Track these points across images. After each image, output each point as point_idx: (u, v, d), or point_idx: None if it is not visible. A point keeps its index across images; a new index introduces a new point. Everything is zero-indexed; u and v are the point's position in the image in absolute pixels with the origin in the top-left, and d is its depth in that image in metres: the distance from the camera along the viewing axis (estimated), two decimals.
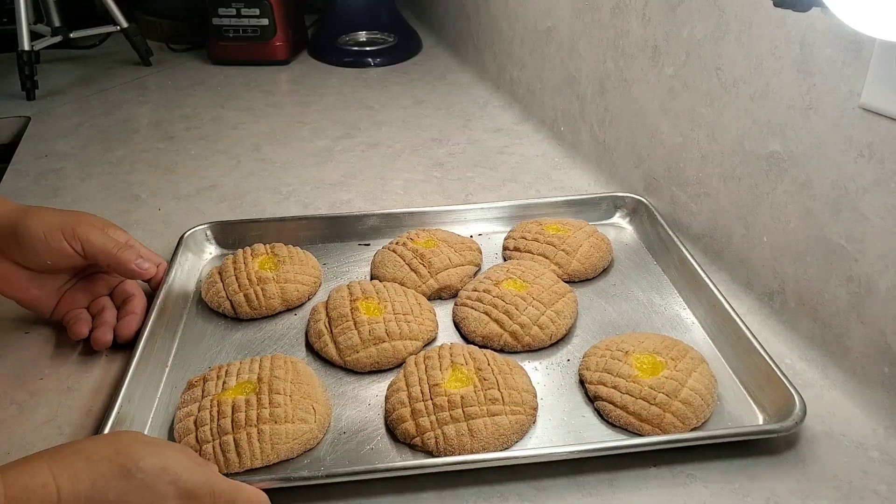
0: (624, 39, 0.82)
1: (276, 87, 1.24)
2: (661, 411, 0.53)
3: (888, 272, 0.54)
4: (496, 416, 0.52)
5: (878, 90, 0.52)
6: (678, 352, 0.57)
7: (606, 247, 0.73)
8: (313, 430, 0.52)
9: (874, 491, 0.50)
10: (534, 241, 0.72)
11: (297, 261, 0.70)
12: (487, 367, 0.55)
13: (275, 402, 0.52)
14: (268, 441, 0.50)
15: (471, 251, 0.72)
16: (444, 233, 0.74)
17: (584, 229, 0.73)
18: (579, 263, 0.70)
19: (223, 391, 0.54)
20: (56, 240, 0.56)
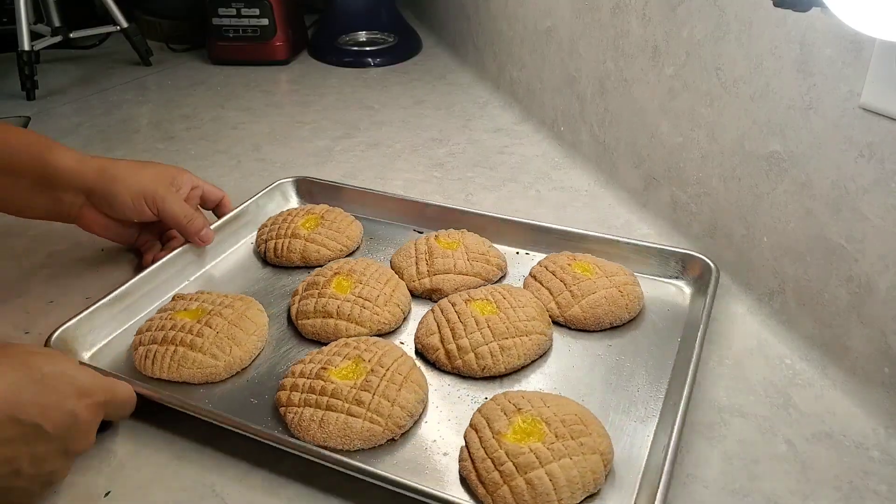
0: (624, 39, 0.82)
1: (276, 87, 1.24)
2: (500, 481, 0.47)
3: (888, 272, 0.54)
4: (352, 416, 0.52)
5: (878, 90, 0.52)
6: (576, 432, 0.49)
7: (627, 303, 0.64)
8: (217, 367, 0.58)
9: (874, 491, 0.50)
10: (551, 274, 0.67)
11: (336, 227, 0.76)
12: (380, 370, 0.54)
13: (202, 332, 0.58)
14: (177, 361, 0.57)
15: (485, 264, 0.70)
16: (475, 239, 0.72)
17: (614, 277, 0.66)
18: (580, 310, 0.63)
19: (182, 311, 0.61)
20: (139, 206, 0.67)
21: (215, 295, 0.64)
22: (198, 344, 0.58)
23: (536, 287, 0.67)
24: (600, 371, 0.60)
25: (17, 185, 0.64)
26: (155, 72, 1.29)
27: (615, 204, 0.85)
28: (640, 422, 0.54)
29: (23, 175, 0.64)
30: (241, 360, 0.59)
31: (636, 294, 0.65)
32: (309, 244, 0.73)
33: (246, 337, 0.60)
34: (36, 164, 0.64)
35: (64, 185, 0.65)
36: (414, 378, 0.56)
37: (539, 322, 0.61)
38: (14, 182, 0.64)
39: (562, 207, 0.85)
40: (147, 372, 0.58)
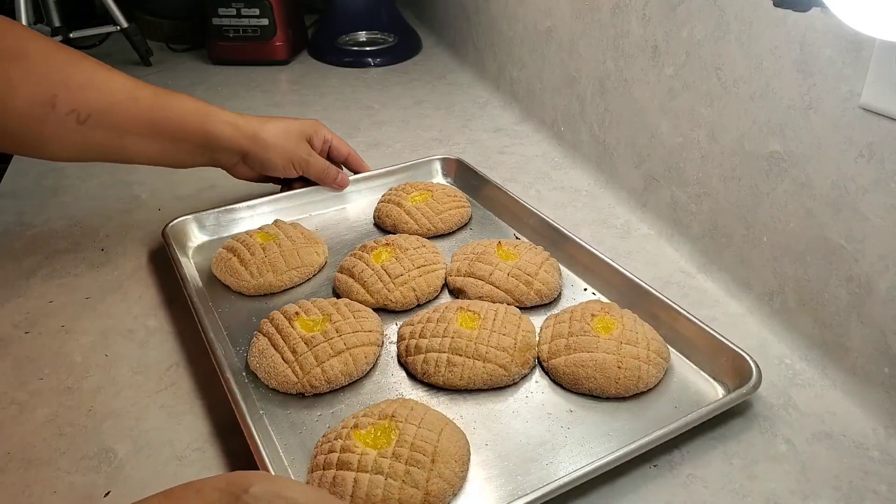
0: (624, 39, 0.82)
1: (276, 87, 1.24)
2: (322, 465, 0.50)
3: (888, 272, 0.54)
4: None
5: (878, 90, 0.52)
6: (414, 459, 0.50)
7: (619, 378, 0.57)
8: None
9: (874, 491, 0.50)
10: (568, 316, 0.62)
11: (436, 209, 0.79)
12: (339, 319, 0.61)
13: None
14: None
15: (524, 286, 0.67)
16: (533, 259, 0.70)
17: (629, 347, 0.59)
18: (563, 363, 0.59)
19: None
20: (288, 168, 0.79)
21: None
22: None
23: (548, 325, 0.63)
24: (536, 429, 0.55)
25: (182, 149, 0.72)
26: (155, 72, 1.29)
27: (615, 204, 0.85)
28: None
29: (184, 140, 0.71)
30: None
31: (639, 374, 0.57)
32: (405, 215, 0.78)
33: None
34: (197, 132, 0.71)
35: (222, 149, 0.74)
36: (366, 313, 0.64)
37: (507, 355, 0.58)
38: (178, 147, 0.71)
39: (562, 207, 0.85)
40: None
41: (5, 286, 0.71)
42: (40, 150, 0.67)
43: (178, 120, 0.70)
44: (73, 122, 0.65)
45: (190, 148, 0.72)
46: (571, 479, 0.48)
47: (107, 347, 0.64)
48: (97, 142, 0.67)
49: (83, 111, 0.65)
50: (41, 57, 0.64)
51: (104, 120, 0.66)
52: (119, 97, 0.67)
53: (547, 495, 0.47)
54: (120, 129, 0.67)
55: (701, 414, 0.53)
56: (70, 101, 0.64)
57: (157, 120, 0.69)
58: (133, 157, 0.71)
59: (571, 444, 0.53)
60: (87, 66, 0.67)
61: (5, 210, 0.84)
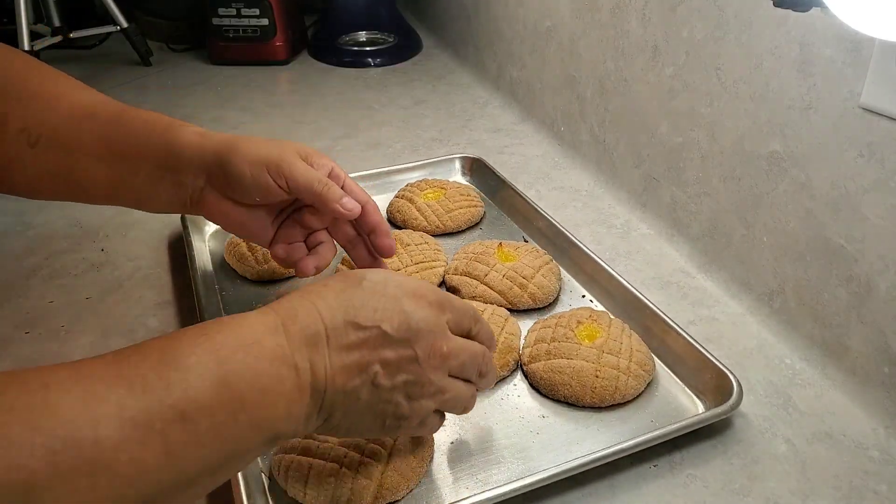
0: (624, 39, 0.82)
1: (276, 88, 1.24)
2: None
3: (888, 272, 0.54)
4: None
5: (878, 90, 0.52)
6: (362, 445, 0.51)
7: (595, 387, 0.56)
8: None
9: (874, 491, 0.50)
10: (555, 322, 0.62)
11: (446, 207, 0.78)
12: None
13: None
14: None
15: (518, 289, 0.67)
16: (532, 262, 0.69)
17: (610, 357, 0.58)
18: (541, 368, 0.59)
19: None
20: (261, 176, 0.55)
21: None
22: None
23: (534, 329, 0.62)
24: (505, 432, 0.55)
25: (138, 172, 0.57)
26: (155, 72, 1.29)
27: (615, 204, 0.85)
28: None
29: (145, 159, 0.57)
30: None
31: (616, 384, 0.56)
32: (415, 211, 0.79)
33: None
34: (158, 145, 0.56)
35: (185, 164, 0.56)
36: None
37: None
38: (135, 169, 0.57)
39: (562, 207, 0.85)
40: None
41: (5, 286, 0.71)
42: (5, 180, 0.58)
43: (140, 133, 0.56)
44: (25, 143, 0.56)
45: (150, 169, 0.57)
46: (513, 489, 0.48)
47: (107, 347, 0.63)
48: (50, 168, 0.57)
49: (34, 130, 0.55)
50: (7, 73, 0.56)
51: (56, 140, 0.56)
52: (76, 114, 0.57)
53: (492, 499, 0.47)
54: (73, 150, 0.56)
55: (667, 431, 0.52)
56: (21, 117, 0.55)
57: (113, 138, 0.56)
58: (87, 186, 0.58)
59: (536, 450, 0.53)
60: (48, 81, 0.58)
61: (5, 210, 0.84)
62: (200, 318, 0.62)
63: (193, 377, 0.35)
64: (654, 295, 0.68)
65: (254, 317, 0.40)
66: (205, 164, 0.56)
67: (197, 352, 0.36)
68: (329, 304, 0.41)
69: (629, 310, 0.65)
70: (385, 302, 0.42)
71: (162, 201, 0.58)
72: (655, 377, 0.59)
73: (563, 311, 0.65)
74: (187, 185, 0.57)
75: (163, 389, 0.34)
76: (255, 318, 0.40)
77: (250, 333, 0.38)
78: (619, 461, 0.51)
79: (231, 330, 0.38)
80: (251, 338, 0.38)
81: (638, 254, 0.76)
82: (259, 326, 0.39)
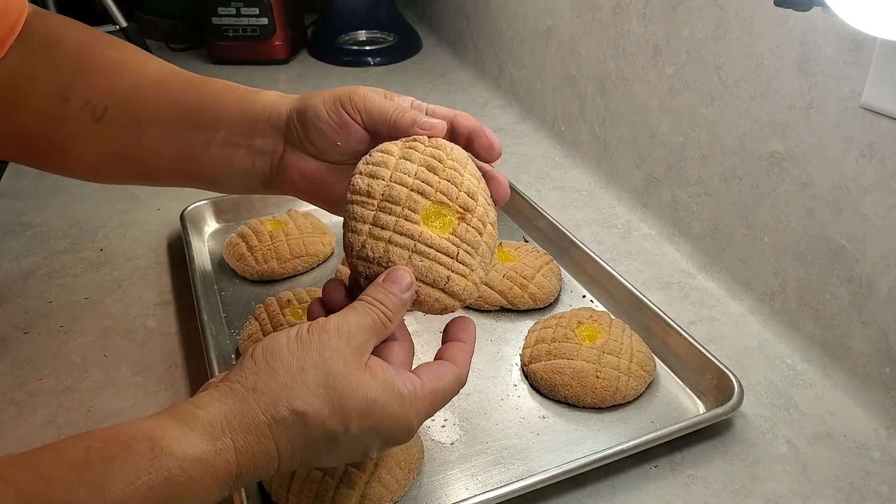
0: (624, 39, 0.82)
1: (275, 87, 1.23)
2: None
3: (889, 272, 0.54)
4: None
5: (879, 90, 0.52)
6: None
7: (596, 387, 0.56)
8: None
9: (875, 491, 0.50)
10: (556, 322, 0.62)
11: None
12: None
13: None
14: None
15: (518, 289, 0.67)
16: (532, 262, 0.69)
17: (611, 357, 0.58)
18: (541, 368, 0.59)
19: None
20: (336, 112, 0.51)
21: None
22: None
23: (535, 329, 0.62)
24: (505, 432, 0.55)
25: (211, 142, 0.53)
26: None
27: (615, 203, 0.85)
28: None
29: (218, 126, 0.53)
30: None
31: (617, 385, 0.56)
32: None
33: None
34: (233, 110, 0.53)
35: (262, 126, 0.52)
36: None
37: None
38: (207, 139, 0.53)
39: (562, 207, 0.85)
40: None
41: (4, 286, 0.71)
42: (58, 160, 0.56)
43: (212, 99, 0.53)
44: (88, 119, 0.52)
45: (224, 136, 0.53)
46: (513, 489, 0.47)
47: (106, 348, 0.63)
48: (115, 146, 0.54)
49: (99, 104, 0.52)
50: (70, 44, 0.53)
51: (123, 113, 0.53)
52: (144, 83, 0.53)
53: (493, 499, 0.47)
54: (140, 122, 0.53)
55: (668, 431, 0.52)
56: (85, 91, 0.52)
57: (185, 104, 0.53)
58: (152, 161, 0.55)
59: (537, 450, 0.53)
60: (114, 51, 0.54)
61: (5, 210, 0.84)
62: (199, 318, 0.62)
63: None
64: (654, 295, 0.68)
65: (207, 466, 0.36)
66: (282, 122, 0.52)
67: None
68: (292, 457, 0.38)
69: (630, 310, 0.65)
70: (352, 453, 0.40)
71: (236, 175, 0.54)
72: (656, 377, 0.59)
73: (563, 311, 0.64)
74: (265, 152, 0.53)
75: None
76: (209, 470, 0.36)
77: (200, 495, 0.35)
78: (620, 462, 0.51)
79: (181, 495, 0.35)
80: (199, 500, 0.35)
81: (639, 254, 0.76)
82: (212, 483, 0.36)
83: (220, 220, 0.80)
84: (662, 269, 0.74)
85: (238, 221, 0.79)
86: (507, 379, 0.60)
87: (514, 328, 0.65)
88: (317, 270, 0.73)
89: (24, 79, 0.52)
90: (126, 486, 0.33)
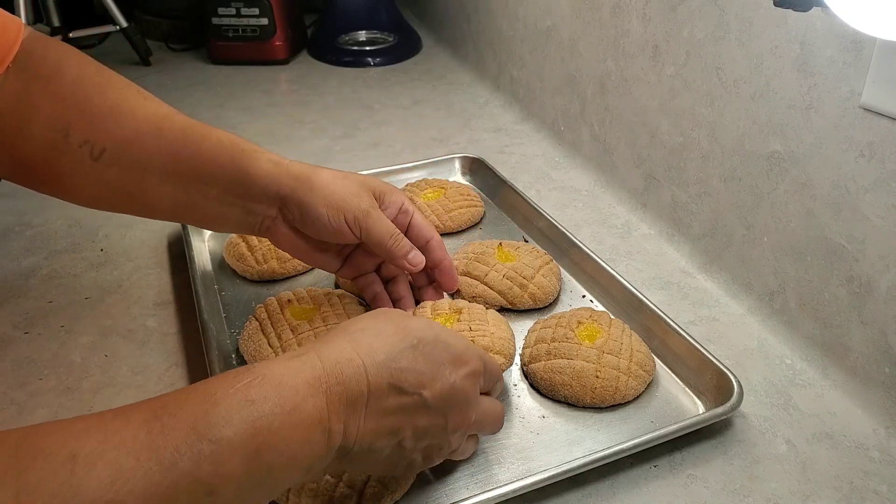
0: (624, 39, 0.82)
1: (275, 87, 1.24)
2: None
3: (889, 272, 0.54)
4: None
5: (878, 90, 0.52)
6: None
7: (595, 387, 0.56)
8: None
9: (875, 491, 0.50)
10: (556, 322, 0.61)
11: (446, 207, 0.78)
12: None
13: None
14: None
15: (518, 289, 0.67)
16: (532, 262, 0.69)
17: (610, 357, 0.58)
18: (541, 368, 0.59)
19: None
20: (339, 223, 0.56)
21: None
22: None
23: (534, 329, 0.62)
24: (505, 432, 0.54)
25: (209, 195, 0.56)
26: (154, 71, 1.29)
27: (615, 203, 0.85)
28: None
29: (215, 183, 0.55)
30: None
31: (616, 385, 0.56)
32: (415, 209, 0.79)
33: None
34: (230, 171, 0.55)
35: (258, 194, 0.55)
36: None
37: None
38: (204, 192, 0.55)
39: (562, 207, 0.85)
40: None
41: (5, 286, 0.71)
42: (57, 187, 0.57)
43: (209, 155, 0.55)
44: (87, 156, 0.53)
45: (218, 193, 0.55)
46: (513, 489, 0.48)
47: (106, 347, 0.63)
48: (113, 183, 0.55)
49: (97, 144, 0.53)
50: (71, 77, 0.54)
51: (121, 156, 0.54)
52: (143, 129, 0.54)
53: (493, 499, 0.47)
54: (138, 167, 0.54)
55: (668, 431, 0.52)
56: (84, 130, 0.53)
57: (182, 156, 0.54)
58: (153, 203, 0.57)
59: (537, 450, 0.53)
60: (114, 92, 0.55)
61: (5, 210, 0.84)
62: (200, 318, 0.62)
63: (227, 450, 0.34)
64: (654, 295, 0.68)
65: (296, 371, 0.39)
66: (279, 197, 0.55)
67: (234, 421, 0.35)
68: (377, 363, 0.41)
69: (629, 310, 0.65)
70: (430, 366, 0.42)
71: (230, 224, 0.58)
72: (656, 377, 0.59)
73: (563, 311, 0.64)
74: (258, 213, 0.57)
75: (194, 464, 0.33)
76: (298, 373, 0.39)
77: (291, 397, 0.37)
78: (620, 461, 0.51)
79: (272, 392, 0.37)
80: (291, 403, 0.37)
81: (638, 254, 0.76)
82: (302, 387, 0.38)
83: None
84: (662, 269, 0.74)
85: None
86: (506, 379, 0.60)
87: (514, 328, 0.65)
88: (317, 270, 0.73)
89: (27, 107, 0.53)
90: (225, 385, 0.37)
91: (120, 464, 0.32)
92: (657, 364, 0.60)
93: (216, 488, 0.34)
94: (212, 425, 0.34)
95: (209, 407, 0.35)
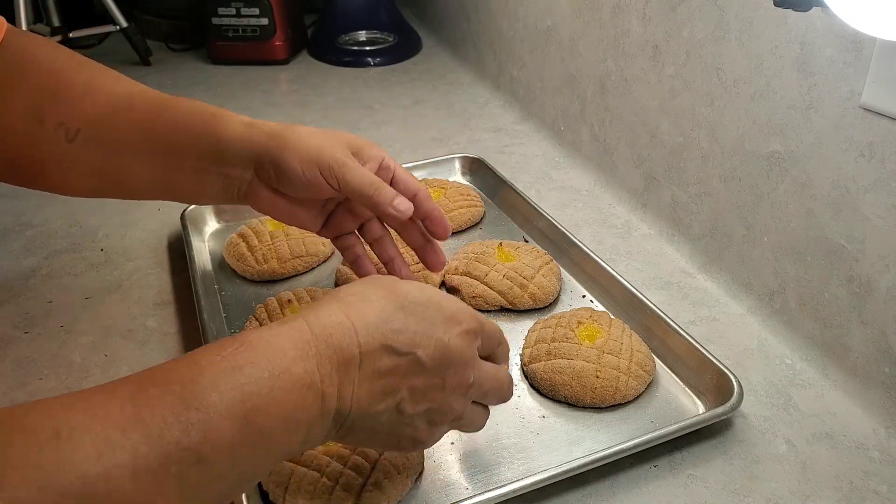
0: (624, 39, 0.82)
1: (275, 87, 1.24)
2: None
3: (889, 272, 0.54)
4: None
5: (878, 90, 0.52)
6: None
7: (596, 387, 0.56)
8: None
9: (875, 491, 0.50)
10: (556, 322, 0.62)
11: (446, 207, 0.78)
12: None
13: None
14: None
15: (518, 289, 0.67)
16: (532, 262, 0.69)
17: (610, 357, 0.58)
18: (541, 368, 0.59)
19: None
20: (314, 175, 0.54)
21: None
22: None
23: (535, 329, 0.62)
24: (505, 432, 0.54)
25: (183, 167, 0.55)
26: (154, 71, 1.29)
27: (615, 203, 0.85)
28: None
29: (188, 153, 0.55)
30: None
31: (617, 385, 0.56)
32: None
33: None
34: (202, 138, 0.54)
35: (232, 157, 0.54)
36: None
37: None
38: (178, 163, 0.55)
39: (562, 207, 0.85)
40: None
41: (5, 286, 0.71)
42: (40, 178, 0.57)
43: (181, 125, 0.54)
44: (63, 139, 0.53)
45: (194, 162, 0.55)
46: (513, 489, 0.48)
47: (106, 347, 0.63)
48: (92, 164, 0.55)
49: (72, 125, 0.53)
50: (44, 64, 0.54)
51: (96, 134, 0.54)
52: (116, 105, 0.55)
53: (493, 499, 0.47)
54: (114, 144, 0.55)
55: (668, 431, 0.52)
56: (58, 112, 0.53)
57: (155, 127, 0.54)
58: (127, 180, 0.57)
59: (537, 450, 0.53)
60: (85, 72, 0.56)
61: (5, 210, 0.84)
62: (200, 318, 0.62)
63: (215, 417, 0.34)
64: (654, 295, 0.68)
65: (285, 335, 0.38)
66: (253, 157, 0.54)
67: (221, 387, 0.34)
68: (368, 324, 0.40)
69: (629, 310, 0.65)
70: (423, 326, 0.41)
71: (209, 195, 0.57)
72: (656, 377, 0.59)
73: (563, 311, 0.64)
74: (235, 178, 0.55)
75: (182, 432, 0.32)
76: (287, 338, 0.38)
77: (280, 361, 0.37)
78: (620, 461, 0.51)
79: (260, 356, 0.37)
80: (280, 366, 0.36)
81: (638, 254, 0.76)
82: (290, 350, 0.37)
83: (220, 220, 0.80)
84: (662, 269, 0.74)
85: (238, 221, 0.79)
86: None
87: (514, 328, 0.65)
88: (317, 270, 0.73)
89: (3, 100, 0.53)
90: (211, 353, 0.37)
91: (106, 436, 0.31)
92: (657, 364, 0.60)
93: (206, 456, 0.33)
94: (198, 393, 0.34)
95: (195, 375, 0.35)
